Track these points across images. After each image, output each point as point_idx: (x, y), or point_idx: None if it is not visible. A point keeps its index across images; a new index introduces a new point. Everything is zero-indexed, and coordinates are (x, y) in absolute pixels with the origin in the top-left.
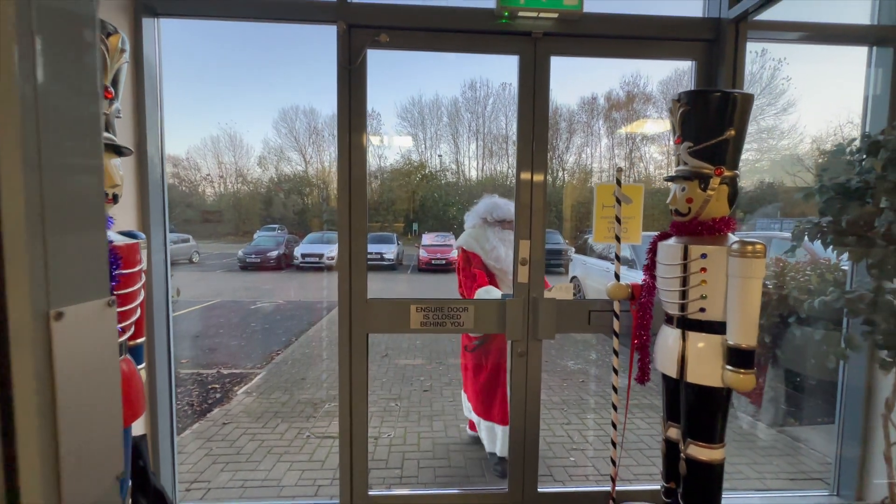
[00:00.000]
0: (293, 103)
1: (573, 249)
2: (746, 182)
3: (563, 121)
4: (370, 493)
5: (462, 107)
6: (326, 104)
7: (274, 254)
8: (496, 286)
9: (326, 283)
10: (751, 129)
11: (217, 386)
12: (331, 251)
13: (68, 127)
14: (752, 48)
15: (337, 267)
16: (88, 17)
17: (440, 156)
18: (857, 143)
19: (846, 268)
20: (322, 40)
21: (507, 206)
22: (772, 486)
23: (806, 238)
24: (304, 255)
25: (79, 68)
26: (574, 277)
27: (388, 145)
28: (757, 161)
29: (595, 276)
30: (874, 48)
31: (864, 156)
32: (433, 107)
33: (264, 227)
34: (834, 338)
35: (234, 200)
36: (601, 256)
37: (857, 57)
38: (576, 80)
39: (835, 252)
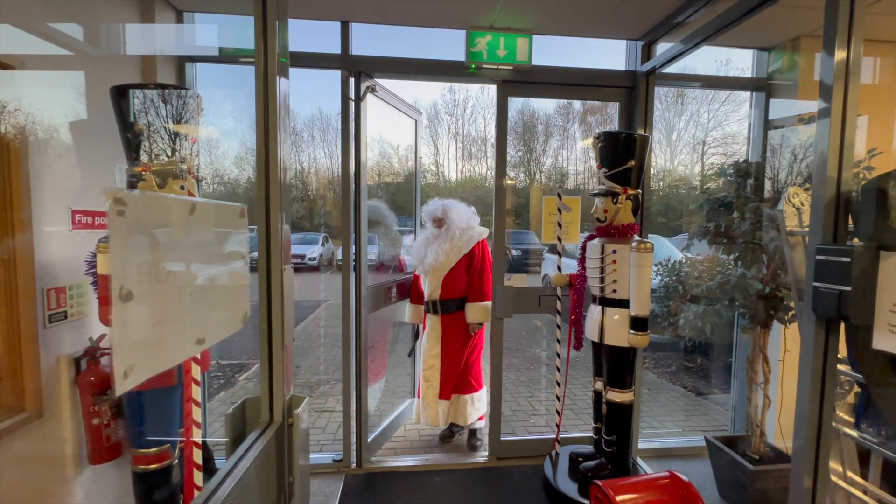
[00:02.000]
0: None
1: (546, 249)
2: (713, 184)
3: (539, 124)
4: (368, 439)
5: (441, 109)
6: (305, 105)
7: (255, 254)
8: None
9: (308, 284)
10: (716, 133)
11: (219, 374)
12: (312, 252)
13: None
14: (719, 57)
15: (342, 265)
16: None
17: (420, 157)
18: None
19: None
20: (317, 42)
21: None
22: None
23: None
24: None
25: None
26: (546, 275)
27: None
28: (722, 164)
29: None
30: (753, 94)
31: (735, 178)
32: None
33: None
34: (709, 311)
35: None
36: (572, 256)
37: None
38: None
39: (713, 248)
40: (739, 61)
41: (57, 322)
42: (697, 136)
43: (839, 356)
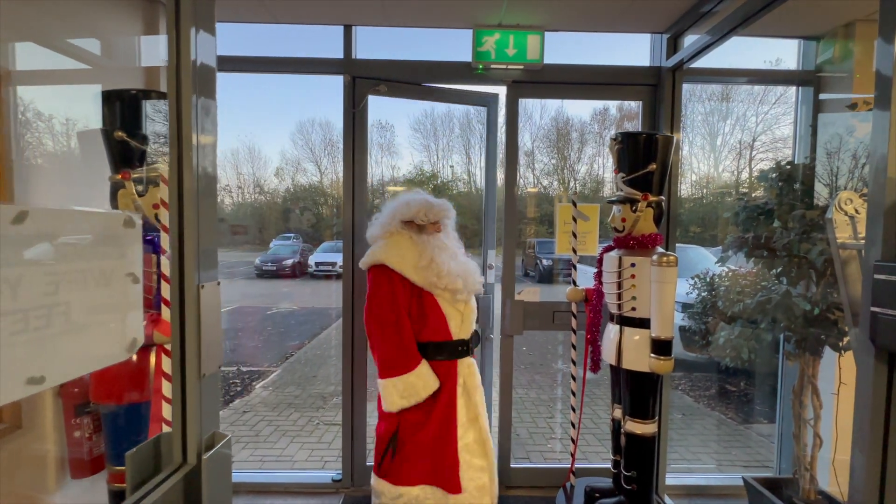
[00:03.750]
0: (310, 116)
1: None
2: (755, 191)
3: (574, 131)
4: (368, 464)
5: (473, 118)
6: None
7: (289, 262)
8: (439, 315)
9: (336, 290)
10: (764, 138)
11: (237, 381)
12: (335, 260)
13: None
14: (768, 58)
15: (343, 274)
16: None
17: (452, 166)
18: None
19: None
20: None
21: (442, 203)
22: (724, 471)
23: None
24: (317, 264)
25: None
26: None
27: (396, 159)
28: (762, 169)
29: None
30: (800, 88)
31: (776, 183)
32: (446, 118)
33: (280, 236)
34: (746, 333)
35: (251, 210)
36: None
37: None
38: None
39: (751, 262)
40: (782, 53)
41: None
42: (744, 140)
43: None
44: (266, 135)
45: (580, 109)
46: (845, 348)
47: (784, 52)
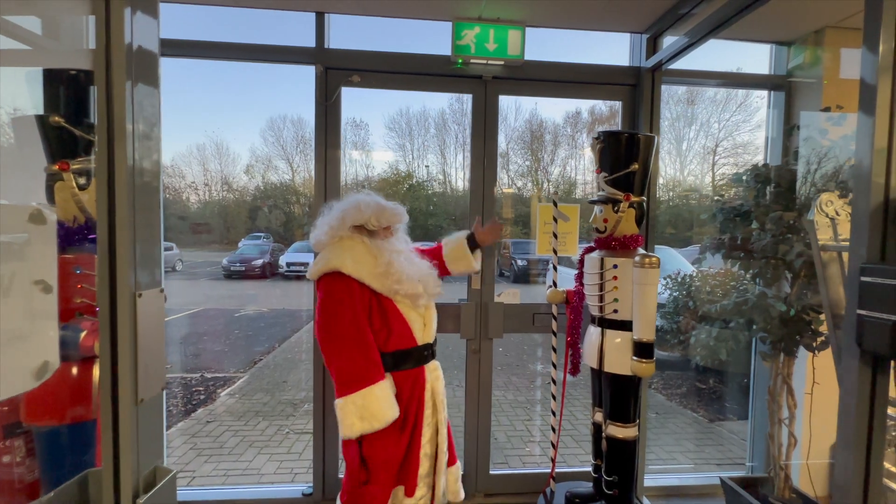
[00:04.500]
0: (281, 112)
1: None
2: (728, 195)
3: (547, 133)
4: (339, 476)
5: (449, 118)
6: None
7: (259, 262)
8: (402, 321)
9: (307, 291)
10: (727, 143)
11: (201, 389)
12: (304, 261)
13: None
14: (740, 62)
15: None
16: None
17: (427, 166)
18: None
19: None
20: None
21: (395, 207)
22: (700, 470)
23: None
24: (288, 264)
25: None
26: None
27: (370, 158)
28: (736, 172)
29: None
30: (771, 92)
31: (753, 184)
32: (421, 118)
33: (249, 235)
34: (725, 335)
35: (218, 209)
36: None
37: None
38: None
39: (728, 263)
40: (754, 58)
41: None
42: (707, 146)
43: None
44: (235, 130)
45: (553, 112)
46: (819, 349)
47: (757, 57)
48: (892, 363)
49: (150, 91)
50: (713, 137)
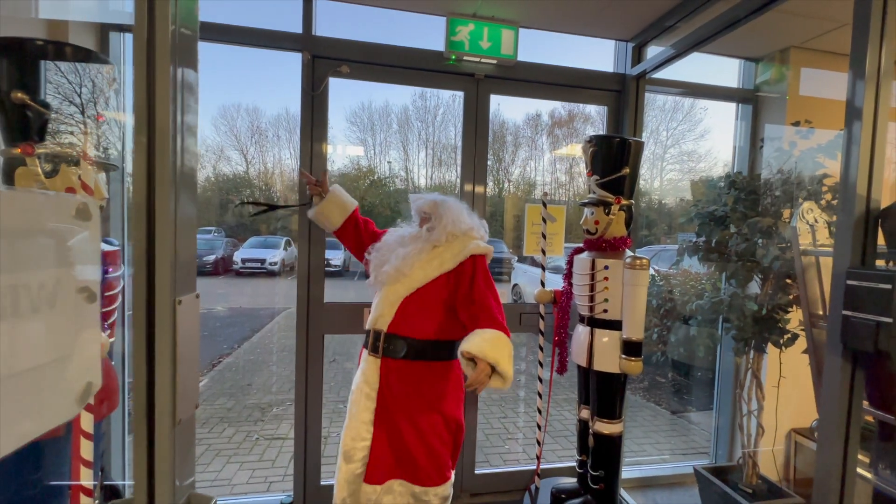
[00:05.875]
0: (234, 100)
1: (516, 258)
2: (669, 200)
3: (509, 134)
4: (322, 483)
5: (412, 115)
6: (271, 104)
7: (210, 258)
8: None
9: (267, 288)
10: (674, 151)
11: None
12: (273, 256)
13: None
14: (705, 66)
15: (297, 272)
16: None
17: (389, 162)
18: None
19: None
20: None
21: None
22: (669, 461)
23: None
24: (244, 260)
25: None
26: (515, 285)
27: (339, 152)
28: (679, 181)
29: (536, 283)
30: (739, 105)
31: (727, 190)
32: (383, 113)
33: (199, 230)
34: (703, 332)
35: None
36: (539, 265)
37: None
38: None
39: (704, 265)
40: (724, 71)
41: None
42: (664, 147)
43: None
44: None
45: (514, 113)
46: (786, 345)
47: (727, 71)
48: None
49: (193, 76)
50: (661, 145)
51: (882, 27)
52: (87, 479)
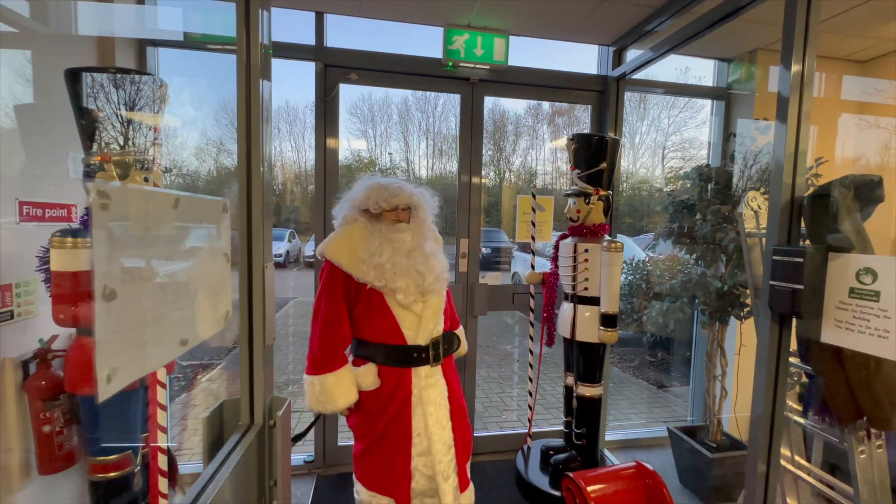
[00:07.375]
0: (236, 95)
1: (516, 247)
2: (674, 187)
3: (510, 123)
4: (339, 444)
5: (412, 105)
6: (275, 95)
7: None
8: (387, 316)
9: (282, 277)
10: (675, 139)
11: (180, 376)
12: (278, 248)
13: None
14: (678, 65)
15: (316, 264)
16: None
17: (390, 153)
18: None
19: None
20: (276, 30)
21: (398, 187)
22: (649, 426)
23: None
24: None
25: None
26: (515, 273)
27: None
28: (681, 168)
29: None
30: (714, 102)
31: (698, 182)
32: (383, 104)
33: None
34: (673, 308)
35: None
36: (540, 254)
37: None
38: None
39: (676, 248)
40: (700, 71)
41: (2, 322)
42: (658, 141)
43: (790, 349)
44: (181, 109)
45: (515, 102)
46: (745, 317)
47: (702, 71)
48: (794, 325)
49: (269, 87)
50: (663, 133)
51: (805, 37)
52: (162, 420)
